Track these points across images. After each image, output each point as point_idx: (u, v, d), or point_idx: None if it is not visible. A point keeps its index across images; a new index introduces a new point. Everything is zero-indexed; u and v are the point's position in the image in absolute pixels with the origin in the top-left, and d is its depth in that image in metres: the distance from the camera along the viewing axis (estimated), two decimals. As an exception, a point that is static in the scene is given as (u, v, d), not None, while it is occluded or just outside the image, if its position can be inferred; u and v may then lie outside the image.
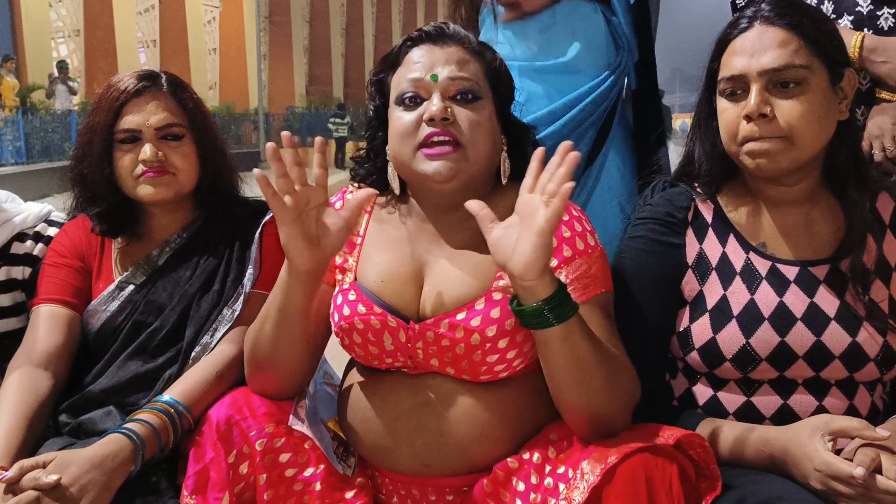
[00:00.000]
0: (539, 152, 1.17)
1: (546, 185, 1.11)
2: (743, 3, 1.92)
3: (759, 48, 1.25)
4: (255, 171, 1.19)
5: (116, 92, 1.52)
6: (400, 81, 1.32)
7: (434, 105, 1.27)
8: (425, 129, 1.27)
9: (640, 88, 1.75)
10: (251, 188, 1.73)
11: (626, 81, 1.74)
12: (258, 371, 1.33)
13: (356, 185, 1.44)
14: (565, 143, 1.13)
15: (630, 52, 1.72)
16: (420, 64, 1.31)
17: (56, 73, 14.93)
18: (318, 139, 1.28)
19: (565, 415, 1.23)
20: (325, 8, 28.75)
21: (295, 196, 1.19)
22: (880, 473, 1.09)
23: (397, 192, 1.37)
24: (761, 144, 1.25)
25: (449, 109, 1.27)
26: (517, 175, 1.38)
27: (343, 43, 30.23)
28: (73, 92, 14.80)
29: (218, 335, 1.49)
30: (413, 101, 1.30)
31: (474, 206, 1.17)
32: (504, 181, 1.36)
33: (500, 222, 1.16)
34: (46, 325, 1.52)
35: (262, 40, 22.60)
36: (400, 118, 1.31)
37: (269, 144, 1.21)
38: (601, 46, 1.70)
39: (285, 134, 1.28)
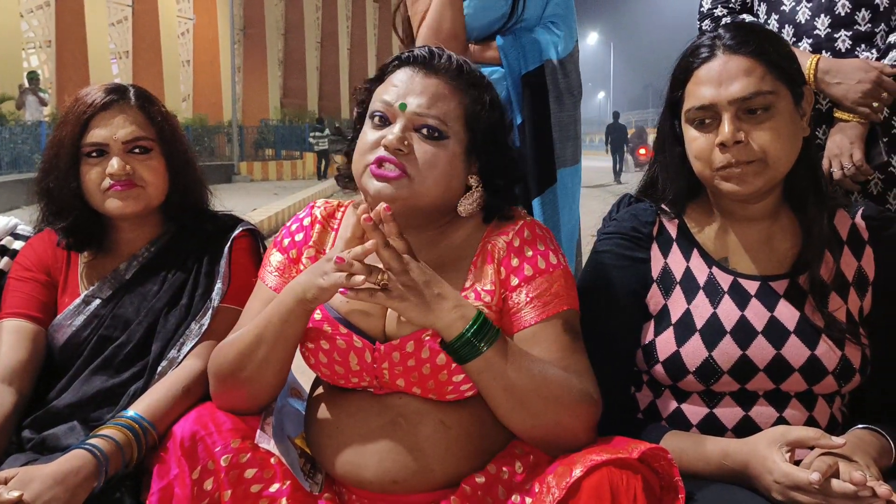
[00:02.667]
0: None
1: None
2: (709, 28, 1.97)
3: (726, 77, 1.27)
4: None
5: (83, 105, 1.51)
6: (376, 98, 1.33)
7: (392, 133, 1.27)
8: (379, 151, 1.28)
9: (533, 140, 2.08)
10: (221, 202, 1.74)
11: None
12: (233, 389, 1.32)
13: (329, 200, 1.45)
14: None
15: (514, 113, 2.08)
16: (397, 88, 1.31)
17: (26, 84, 14.77)
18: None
19: (516, 433, 1.26)
20: (300, 21, 28.77)
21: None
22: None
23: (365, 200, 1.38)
24: (738, 170, 1.27)
25: (406, 142, 1.27)
26: (494, 212, 1.37)
27: (318, 56, 30.29)
28: (43, 103, 14.65)
29: (185, 350, 1.49)
30: (382, 120, 1.31)
31: None
32: (464, 214, 1.34)
33: None
34: (11, 339, 1.50)
35: (236, 53, 22.54)
36: (366, 132, 1.32)
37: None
38: None
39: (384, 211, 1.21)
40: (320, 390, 1.39)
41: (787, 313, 1.31)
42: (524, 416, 1.21)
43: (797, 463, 1.16)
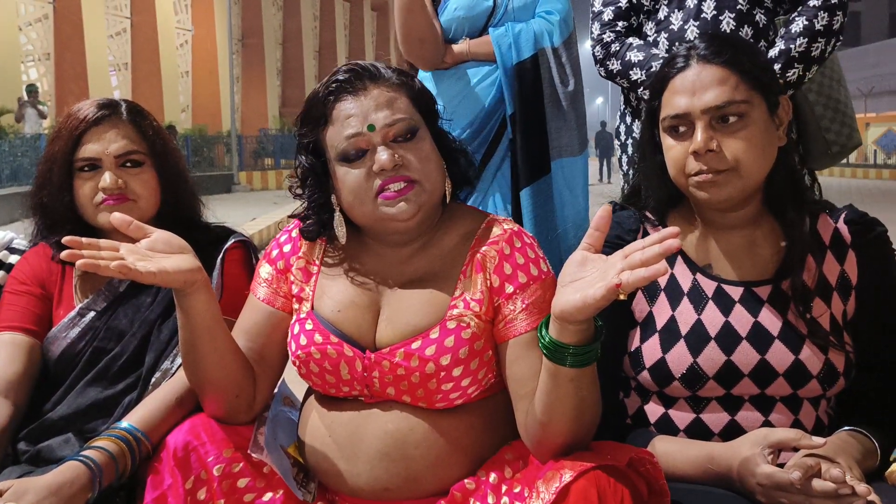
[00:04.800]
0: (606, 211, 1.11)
1: (634, 254, 1.04)
2: (601, 55, 2.05)
3: (700, 87, 1.29)
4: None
5: (76, 121, 1.53)
6: (337, 140, 1.31)
7: (383, 156, 1.27)
8: (377, 181, 1.28)
9: (524, 130, 2.13)
10: (215, 212, 1.75)
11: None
12: (202, 395, 1.35)
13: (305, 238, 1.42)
14: (672, 229, 1.04)
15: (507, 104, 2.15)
16: (352, 118, 1.29)
17: (25, 97, 14.81)
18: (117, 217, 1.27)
19: (542, 439, 1.22)
20: (298, 30, 28.83)
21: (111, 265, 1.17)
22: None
23: (343, 241, 1.37)
24: (709, 178, 1.29)
25: (396, 155, 1.28)
26: (461, 183, 1.41)
27: (316, 65, 30.31)
28: (42, 116, 14.68)
29: (178, 361, 1.49)
30: (357, 155, 1.30)
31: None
32: (448, 200, 1.38)
33: (598, 252, 1.11)
34: (6, 352, 1.51)
35: (234, 63, 22.56)
36: (348, 174, 1.30)
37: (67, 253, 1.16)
38: (480, 97, 2.15)
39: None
40: (313, 399, 1.41)
41: (770, 319, 1.32)
42: (572, 426, 1.19)
43: (781, 465, 1.17)
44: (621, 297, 1.03)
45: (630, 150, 2.20)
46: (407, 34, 2.07)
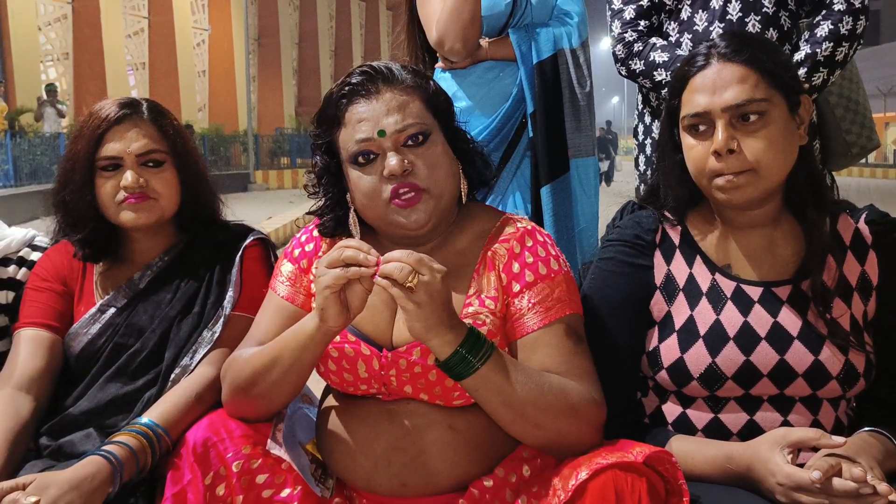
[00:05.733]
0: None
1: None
2: (623, 54, 2.05)
3: (720, 85, 1.29)
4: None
5: (97, 120, 1.54)
6: (348, 143, 1.32)
7: (392, 161, 1.28)
8: (389, 186, 1.29)
9: (544, 128, 2.14)
10: (234, 211, 1.76)
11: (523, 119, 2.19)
12: (244, 402, 1.33)
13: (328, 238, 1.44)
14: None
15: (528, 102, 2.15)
16: (364, 122, 1.30)
17: (45, 96, 14.96)
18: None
19: (522, 442, 1.27)
20: (314, 30, 28.93)
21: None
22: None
23: (357, 237, 1.37)
24: (731, 179, 1.28)
25: (406, 161, 1.29)
26: (477, 183, 1.42)
27: (332, 64, 30.40)
28: (61, 115, 14.83)
29: (197, 357, 1.51)
30: (367, 158, 1.31)
31: None
32: (465, 200, 1.39)
33: None
34: (28, 348, 1.53)
35: (250, 62, 22.68)
36: (360, 178, 1.32)
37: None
38: (498, 96, 2.16)
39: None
40: (331, 397, 1.42)
41: (790, 319, 1.32)
42: (525, 427, 1.23)
43: (800, 465, 1.16)
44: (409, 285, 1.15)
45: (648, 150, 2.20)
46: (459, 10, 2.05)
